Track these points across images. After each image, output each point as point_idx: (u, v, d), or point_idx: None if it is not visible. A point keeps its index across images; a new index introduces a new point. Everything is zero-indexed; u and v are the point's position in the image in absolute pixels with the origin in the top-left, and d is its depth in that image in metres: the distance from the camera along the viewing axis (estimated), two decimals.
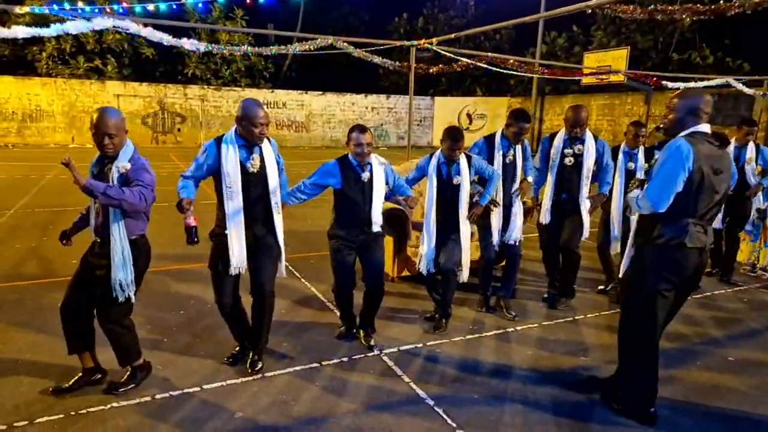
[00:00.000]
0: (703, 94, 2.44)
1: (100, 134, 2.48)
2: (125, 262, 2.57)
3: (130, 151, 2.59)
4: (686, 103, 2.42)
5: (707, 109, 2.40)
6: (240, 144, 2.84)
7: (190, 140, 20.97)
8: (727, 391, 2.97)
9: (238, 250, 2.85)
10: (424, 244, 3.66)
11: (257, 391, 2.81)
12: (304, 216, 7.52)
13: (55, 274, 4.56)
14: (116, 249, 2.54)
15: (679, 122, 2.44)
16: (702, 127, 2.41)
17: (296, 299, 4.25)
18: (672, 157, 2.33)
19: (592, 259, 4.94)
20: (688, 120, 2.41)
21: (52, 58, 19.59)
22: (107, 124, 2.49)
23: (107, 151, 2.53)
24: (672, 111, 2.47)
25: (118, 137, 2.52)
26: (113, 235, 2.54)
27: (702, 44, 18.99)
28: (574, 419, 2.65)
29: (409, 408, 2.70)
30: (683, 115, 2.42)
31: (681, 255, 2.41)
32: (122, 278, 2.56)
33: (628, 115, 18.82)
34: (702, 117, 2.40)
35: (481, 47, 23.85)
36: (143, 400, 2.67)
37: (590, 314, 4.13)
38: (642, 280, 2.52)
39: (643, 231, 2.53)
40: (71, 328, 2.68)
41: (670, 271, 2.45)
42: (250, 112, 2.78)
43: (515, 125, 3.78)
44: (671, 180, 2.32)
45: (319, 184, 3.26)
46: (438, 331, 3.67)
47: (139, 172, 2.57)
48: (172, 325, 3.64)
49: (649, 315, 2.52)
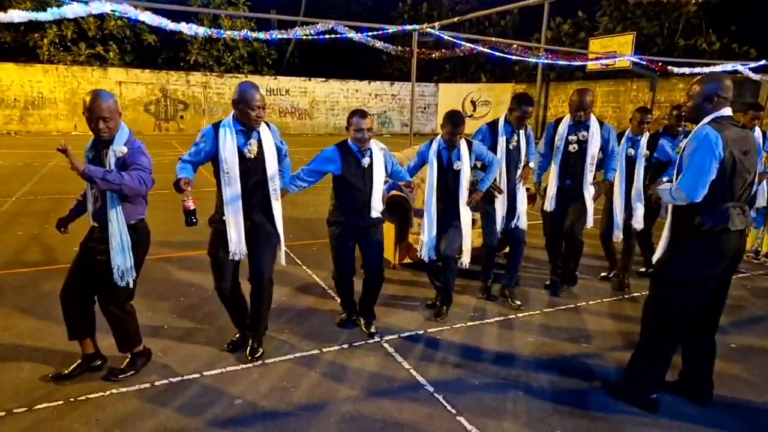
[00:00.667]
0: (722, 79, 2.43)
1: (95, 118, 2.45)
2: (124, 248, 2.56)
3: (125, 135, 2.56)
4: (704, 89, 2.41)
5: (727, 94, 2.40)
6: (238, 129, 2.80)
7: (193, 127, 20.92)
8: (729, 378, 2.95)
9: (236, 236, 2.83)
10: (425, 231, 3.63)
11: (257, 377, 2.82)
12: (306, 203, 7.50)
13: (57, 261, 4.57)
14: (115, 234, 2.53)
15: (697, 109, 2.45)
16: (724, 111, 2.41)
17: (297, 286, 4.24)
18: (702, 145, 2.32)
19: (594, 246, 4.90)
20: (706, 106, 2.42)
21: (54, 44, 19.49)
22: (101, 107, 2.45)
23: (102, 136, 2.49)
24: (690, 98, 2.47)
25: (112, 120, 2.49)
26: (111, 220, 2.52)
27: (708, 30, 18.68)
28: (574, 406, 2.63)
29: (409, 394, 2.70)
30: (700, 101, 2.43)
31: (724, 239, 2.42)
32: (121, 263, 2.55)
33: (633, 101, 18.60)
34: (722, 102, 2.40)
35: (486, 33, 23.55)
36: (143, 387, 2.68)
37: (592, 301, 4.11)
38: (682, 266, 2.48)
39: (682, 219, 2.48)
40: (71, 315, 2.68)
41: (713, 256, 2.45)
42: (246, 94, 2.73)
43: (518, 109, 3.71)
44: (704, 169, 2.31)
45: (318, 171, 3.23)
46: (439, 318, 3.65)
47: (136, 155, 2.54)
48: (172, 312, 3.64)
49: (682, 302, 2.51)
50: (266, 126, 2.92)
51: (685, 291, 2.48)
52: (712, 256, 2.44)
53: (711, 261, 2.45)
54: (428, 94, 24.81)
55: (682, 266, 2.47)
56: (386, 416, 2.50)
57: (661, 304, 2.56)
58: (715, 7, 18.43)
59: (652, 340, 2.60)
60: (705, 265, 2.46)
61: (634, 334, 3.50)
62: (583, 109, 3.83)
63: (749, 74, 11.92)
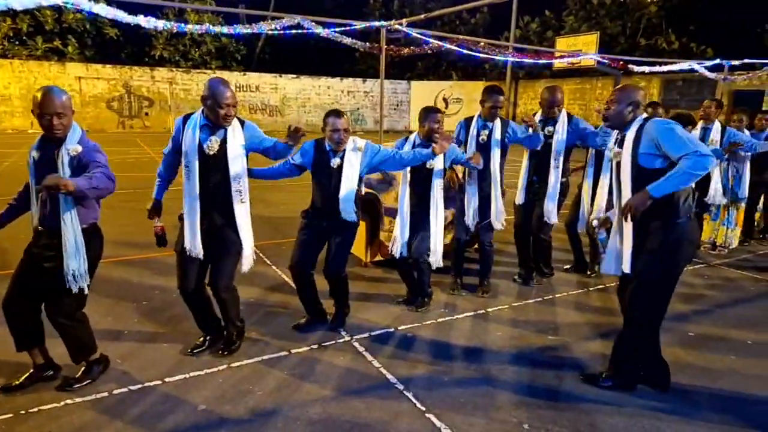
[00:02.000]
0: (639, 88, 2.67)
1: (49, 114, 2.31)
2: (78, 251, 2.42)
3: (78, 133, 2.43)
4: (627, 95, 2.58)
5: (644, 102, 2.63)
6: (203, 123, 2.71)
7: (159, 125, 20.33)
8: (687, 366, 3.04)
9: (190, 233, 2.73)
10: (398, 228, 3.60)
11: (222, 381, 2.73)
12: (277, 202, 7.38)
13: (10, 265, 4.32)
14: (69, 238, 2.39)
15: (622, 113, 2.58)
16: (644, 115, 2.59)
17: (266, 286, 4.15)
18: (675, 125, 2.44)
19: (562, 239, 4.98)
20: (631, 110, 2.56)
21: (8, 38, 18.58)
22: (55, 102, 2.31)
23: (56, 133, 2.35)
24: (614, 102, 2.61)
25: (66, 117, 2.36)
26: (65, 223, 2.38)
27: (668, 30, 19.36)
28: (541, 398, 2.66)
29: (379, 393, 2.66)
30: (624, 106, 2.57)
31: (694, 227, 2.57)
32: (75, 268, 2.42)
33: (599, 99, 19.11)
34: (640, 108, 2.59)
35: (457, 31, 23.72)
36: (100, 396, 2.55)
37: (558, 294, 4.17)
38: (677, 253, 2.52)
39: (655, 212, 2.46)
40: (17, 325, 2.53)
41: (690, 245, 2.57)
42: (215, 91, 2.63)
43: (489, 99, 3.75)
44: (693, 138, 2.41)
45: (297, 163, 3.21)
46: (421, 309, 3.69)
47: (92, 153, 2.42)
48: (134, 316, 3.50)
49: (667, 294, 2.60)
50: (239, 124, 2.81)
51: (670, 283, 2.57)
52: (690, 245, 2.54)
53: (688, 250, 2.54)
54: (401, 91, 24.84)
55: (666, 260, 2.51)
56: (355, 416, 2.46)
57: (649, 299, 2.60)
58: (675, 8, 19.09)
59: (640, 329, 2.66)
60: (685, 255, 2.54)
61: (602, 325, 3.59)
62: (555, 105, 3.92)
63: (706, 73, 12.37)
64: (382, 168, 3.40)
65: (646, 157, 2.48)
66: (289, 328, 3.39)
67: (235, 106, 2.71)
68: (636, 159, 2.50)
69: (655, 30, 19.97)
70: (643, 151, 2.48)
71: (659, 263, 2.51)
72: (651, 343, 2.70)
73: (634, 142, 2.51)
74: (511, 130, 3.84)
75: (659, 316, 2.65)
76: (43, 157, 2.42)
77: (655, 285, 2.57)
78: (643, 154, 2.48)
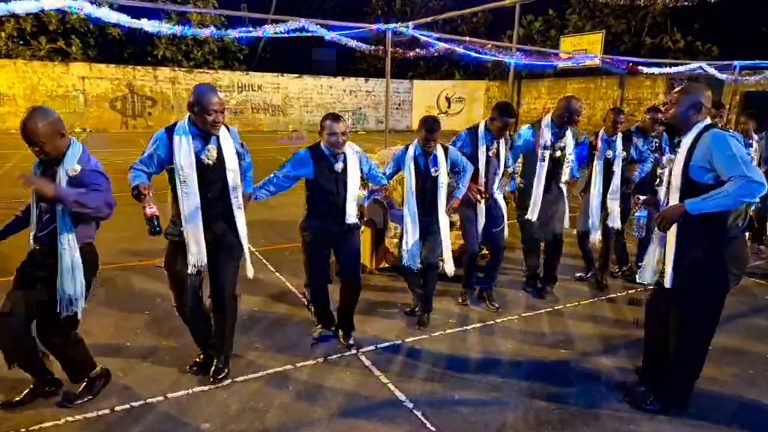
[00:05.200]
0: (703, 89, 2.44)
1: (30, 144, 2.23)
2: (74, 274, 2.33)
3: (78, 151, 2.33)
4: (689, 97, 2.40)
5: (708, 104, 2.41)
6: (194, 133, 2.59)
7: (161, 124, 19.88)
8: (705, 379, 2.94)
9: (195, 248, 2.63)
10: (407, 238, 3.52)
11: (226, 398, 2.66)
12: (279, 205, 7.28)
13: (9, 272, 4.26)
14: (65, 259, 2.31)
15: (682, 116, 2.41)
16: (707, 121, 2.40)
17: (270, 294, 4.08)
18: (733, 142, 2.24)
19: (571, 245, 4.89)
20: (691, 114, 2.39)
21: (12, 38, 18.52)
22: (34, 132, 2.19)
23: (44, 159, 2.29)
24: (674, 105, 2.43)
25: (49, 144, 2.24)
26: (63, 244, 2.29)
27: (673, 28, 19.20)
28: (554, 417, 2.58)
29: (388, 412, 2.59)
30: (685, 109, 2.40)
31: (743, 242, 2.50)
32: (70, 293, 2.33)
33: (603, 98, 18.96)
34: (703, 111, 2.39)
35: (458, 30, 23.61)
36: (101, 413, 2.49)
37: (570, 303, 4.09)
38: (723, 272, 2.39)
39: (713, 223, 2.31)
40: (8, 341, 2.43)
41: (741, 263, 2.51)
42: (202, 97, 2.52)
43: (500, 120, 3.63)
44: (749, 159, 2.23)
45: (291, 176, 3.08)
46: (421, 327, 3.57)
47: (92, 175, 2.33)
48: (135, 327, 3.43)
49: (720, 308, 2.48)
50: (225, 129, 2.71)
51: (718, 302, 2.43)
52: (737, 263, 2.43)
53: (735, 269, 2.42)
54: (403, 90, 24.71)
55: (712, 279, 2.37)
56: None
57: (697, 320, 2.47)
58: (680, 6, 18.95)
59: (689, 350, 2.54)
60: (735, 274, 2.43)
61: (615, 337, 3.51)
62: (577, 116, 3.80)
63: (714, 73, 12.24)
64: (369, 180, 3.35)
65: (697, 170, 2.30)
66: (294, 340, 3.31)
67: (222, 111, 2.58)
68: (687, 170, 2.32)
69: (660, 28, 19.81)
70: (696, 163, 2.30)
71: (705, 287, 2.38)
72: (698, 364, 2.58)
73: (688, 150, 2.33)
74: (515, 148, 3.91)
75: (708, 337, 2.52)
76: (43, 175, 2.34)
77: (703, 305, 2.43)
78: (694, 166, 2.30)
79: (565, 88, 19.90)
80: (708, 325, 2.49)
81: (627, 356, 3.25)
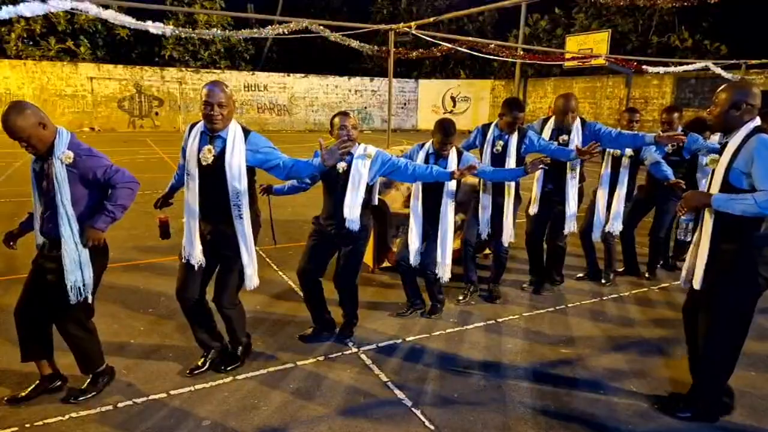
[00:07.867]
0: (748, 87, 2.34)
1: (15, 140, 2.27)
2: (81, 264, 2.39)
3: (65, 138, 2.37)
4: (730, 96, 2.31)
5: (754, 102, 2.29)
6: (203, 131, 2.63)
7: (168, 124, 20.41)
8: None
9: (188, 242, 2.66)
10: (411, 237, 3.54)
11: (228, 395, 2.69)
12: (284, 204, 7.32)
13: (18, 270, 4.33)
14: (69, 250, 2.36)
15: (724, 116, 2.33)
16: (756, 121, 2.30)
17: (273, 294, 4.12)
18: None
19: (577, 244, 4.88)
20: (737, 113, 2.29)
21: (22, 39, 18.75)
22: (13, 128, 2.22)
23: (31, 152, 2.35)
24: (716, 105, 2.35)
25: (33, 137, 2.28)
26: (64, 236, 2.35)
27: (681, 27, 19.03)
28: (555, 418, 2.59)
29: (387, 410, 2.61)
30: (727, 108, 2.31)
31: None
32: (78, 280, 2.39)
33: (609, 97, 18.84)
34: (749, 110, 2.29)
35: (464, 29, 23.58)
36: (105, 409, 2.53)
37: (572, 303, 4.09)
38: (753, 277, 2.30)
39: (745, 228, 2.24)
40: (25, 334, 2.51)
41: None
42: (203, 91, 2.56)
43: (509, 115, 3.67)
44: None
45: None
46: (434, 317, 3.69)
47: (92, 160, 2.38)
48: (139, 325, 3.48)
49: (750, 314, 2.38)
50: (242, 133, 2.62)
51: (747, 308, 2.36)
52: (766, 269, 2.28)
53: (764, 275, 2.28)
54: (408, 90, 24.70)
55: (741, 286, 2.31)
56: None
57: (726, 325, 2.40)
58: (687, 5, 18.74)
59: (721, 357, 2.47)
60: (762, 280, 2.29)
61: (617, 337, 3.50)
62: (569, 112, 3.81)
63: (722, 72, 12.15)
64: (392, 178, 3.33)
65: (737, 175, 2.22)
66: (295, 338, 3.34)
67: (220, 105, 2.51)
68: (728, 173, 2.25)
69: (667, 27, 19.65)
70: (738, 166, 2.22)
71: (734, 289, 2.32)
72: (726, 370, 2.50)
73: (733, 153, 2.25)
74: (528, 140, 3.76)
75: (737, 343, 2.44)
76: (41, 168, 2.40)
77: (732, 309, 2.37)
78: (736, 170, 2.22)
79: (571, 87, 19.79)
80: (736, 330, 2.41)
81: (628, 356, 3.25)
